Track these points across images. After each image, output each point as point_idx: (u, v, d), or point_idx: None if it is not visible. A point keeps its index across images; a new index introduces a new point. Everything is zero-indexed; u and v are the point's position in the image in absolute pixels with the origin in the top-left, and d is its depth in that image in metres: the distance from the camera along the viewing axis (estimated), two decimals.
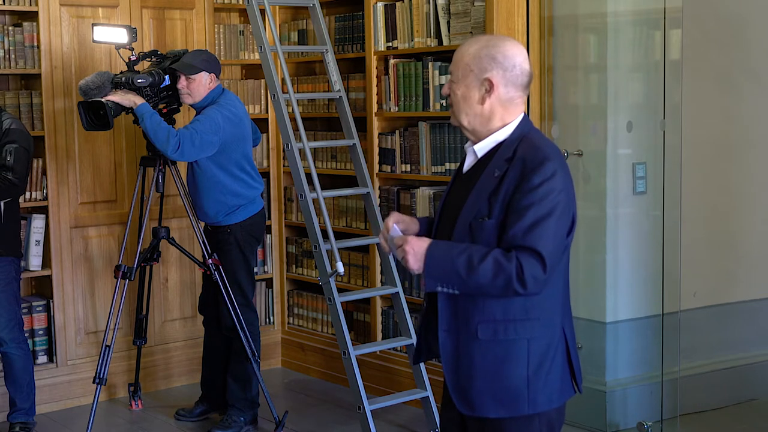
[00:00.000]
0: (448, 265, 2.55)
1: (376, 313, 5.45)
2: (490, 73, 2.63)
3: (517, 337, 2.62)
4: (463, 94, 2.66)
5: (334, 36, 5.58)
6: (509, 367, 2.62)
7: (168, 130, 4.49)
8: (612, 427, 4.74)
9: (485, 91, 2.64)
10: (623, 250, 4.79)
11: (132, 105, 4.54)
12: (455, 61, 2.69)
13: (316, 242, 4.77)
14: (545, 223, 2.52)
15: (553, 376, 2.67)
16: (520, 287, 2.52)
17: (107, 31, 4.69)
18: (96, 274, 5.45)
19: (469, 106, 2.66)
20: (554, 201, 2.54)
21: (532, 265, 2.51)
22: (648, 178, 4.72)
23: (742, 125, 5.21)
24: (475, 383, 2.64)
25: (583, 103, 4.92)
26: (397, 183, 5.36)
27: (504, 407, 2.64)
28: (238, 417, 4.87)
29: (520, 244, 2.52)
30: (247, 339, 4.76)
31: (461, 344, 2.66)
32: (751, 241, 5.27)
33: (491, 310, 2.61)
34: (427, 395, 4.76)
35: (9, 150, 4.52)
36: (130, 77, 4.56)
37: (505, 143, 2.65)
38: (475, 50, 2.65)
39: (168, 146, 4.47)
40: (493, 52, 2.63)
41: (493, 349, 2.62)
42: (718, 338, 5.15)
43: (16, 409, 4.78)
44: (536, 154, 2.58)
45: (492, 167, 2.63)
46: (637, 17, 4.81)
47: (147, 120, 4.49)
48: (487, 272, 2.52)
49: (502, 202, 2.57)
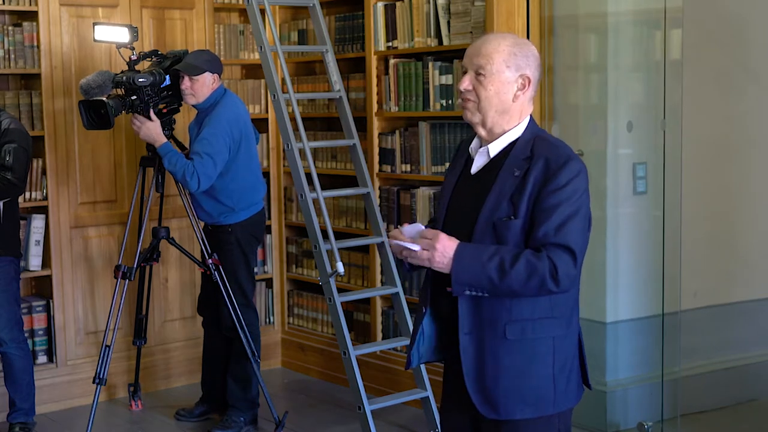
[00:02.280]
0: (478, 269, 2.53)
1: (376, 313, 5.45)
2: (526, 71, 2.64)
3: (543, 335, 2.63)
4: (497, 89, 2.63)
5: (334, 36, 5.58)
6: (536, 366, 2.63)
7: (184, 169, 4.55)
8: (612, 427, 4.74)
9: (518, 88, 2.64)
10: (623, 250, 4.79)
11: (154, 143, 4.61)
12: (486, 55, 2.63)
13: (316, 242, 4.77)
14: (574, 220, 2.55)
15: (574, 375, 2.69)
16: (554, 285, 2.53)
17: (108, 30, 4.69)
18: (96, 274, 5.44)
19: (501, 102, 2.64)
20: (580, 200, 2.57)
21: (565, 262, 2.53)
22: (648, 178, 4.72)
23: (742, 125, 5.21)
24: (501, 384, 2.63)
25: (583, 103, 4.92)
26: (397, 183, 5.36)
27: (530, 407, 2.64)
28: (238, 417, 4.86)
29: (552, 241, 2.53)
30: (247, 339, 4.75)
31: (486, 345, 2.64)
32: (751, 241, 5.27)
33: (519, 310, 2.61)
34: (427, 395, 4.76)
35: (8, 150, 4.52)
36: (131, 77, 4.56)
37: (519, 142, 2.66)
38: (509, 47, 2.64)
39: (189, 185, 4.58)
40: (525, 51, 2.65)
41: (521, 349, 2.62)
42: (718, 338, 5.14)
43: (16, 410, 4.77)
44: (559, 153, 2.59)
45: (510, 166, 2.62)
46: (638, 17, 4.81)
47: (165, 160, 4.59)
48: (520, 275, 2.51)
49: (528, 202, 2.57)
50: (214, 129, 4.61)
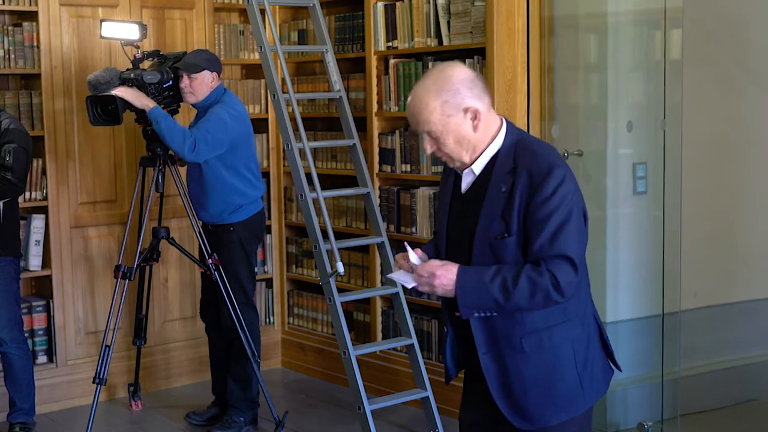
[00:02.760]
0: (482, 292, 2.54)
1: (376, 313, 5.45)
2: (465, 103, 2.59)
3: (561, 341, 2.63)
4: (455, 137, 2.61)
5: (334, 36, 5.58)
6: (561, 371, 2.64)
7: (183, 131, 4.51)
8: (612, 427, 4.74)
9: (471, 120, 2.61)
10: (623, 250, 4.79)
11: (145, 108, 4.55)
12: (424, 122, 2.59)
13: (316, 242, 4.77)
14: (567, 227, 2.54)
15: (596, 366, 2.71)
16: (559, 296, 2.54)
17: (117, 27, 4.69)
18: (96, 274, 5.44)
19: (467, 141, 2.62)
20: (570, 204, 2.56)
21: (565, 272, 2.53)
22: (648, 178, 4.72)
23: (742, 125, 5.21)
24: (531, 397, 2.65)
25: (583, 103, 4.91)
26: (397, 183, 5.36)
27: (564, 411, 2.66)
28: (238, 417, 4.86)
29: (549, 254, 2.53)
30: (246, 339, 4.75)
31: (507, 362, 2.65)
32: (751, 241, 5.27)
33: (532, 322, 2.62)
34: (427, 395, 4.76)
35: (8, 150, 4.52)
36: (140, 74, 4.57)
37: (501, 153, 2.64)
38: (435, 99, 2.57)
39: (184, 147, 4.50)
40: (449, 87, 2.58)
41: (542, 359, 2.63)
42: (718, 338, 5.15)
43: (16, 410, 4.77)
44: (540, 162, 2.57)
45: (496, 183, 2.61)
46: (638, 17, 4.81)
47: (162, 122, 4.51)
48: (524, 293, 2.52)
49: (518, 217, 2.57)
50: (215, 116, 4.61)
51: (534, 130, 4.76)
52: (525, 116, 4.74)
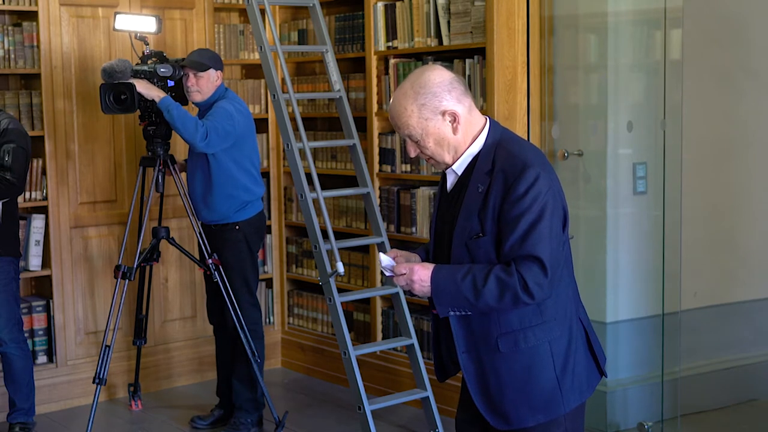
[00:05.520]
0: (454, 290, 2.56)
1: (376, 313, 5.45)
2: (442, 105, 2.60)
3: (538, 342, 2.63)
4: (435, 140, 2.63)
5: (334, 36, 5.58)
6: (537, 372, 2.63)
7: (195, 120, 4.54)
8: (612, 427, 4.74)
9: (450, 123, 2.62)
10: (623, 250, 4.79)
11: (156, 98, 4.56)
12: (404, 125, 2.62)
13: (316, 242, 4.77)
14: (538, 227, 2.53)
15: (579, 369, 2.70)
16: (528, 298, 2.53)
17: (131, 20, 4.71)
18: (96, 274, 5.44)
19: (447, 143, 2.64)
20: (542, 204, 2.54)
21: (534, 273, 2.52)
22: (648, 178, 4.72)
23: (742, 125, 5.20)
24: (506, 397, 2.65)
25: (583, 103, 4.91)
26: (397, 183, 5.36)
27: (541, 413, 2.66)
28: (246, 419, 4.85)
29: (519, 254, 2.53)
30: (246, 339, 4.75)
31: (485, 361, 2.66)
32: (751, 241, 5.27)
33: (507, 322, 2.62)
34: (427, 395, 4.76)
35: (7, 150, 4.52)
36: (153, 66, 4.58)
37: (481, 154, 2.65)
38: (412, 103, 2.60)
39: (197, 136, 4.51)
40: (426, 91, 2.59)
41: (518, 359, 2.63)
42: (718, 338, 5.14)
43: (16, 410, 4.78)
44: (515, 162, 2.58)
45: (474, 183, 2.62)
46: (638, 17, 4.81)
47: (174, 110, 4.52)
48: (492, 292, 2.53)
49: (492, 218, 2.58)
50: (222, 110, 4.63)
51: (534, 130, 4.76)
52: (525, 116, 4.74)
